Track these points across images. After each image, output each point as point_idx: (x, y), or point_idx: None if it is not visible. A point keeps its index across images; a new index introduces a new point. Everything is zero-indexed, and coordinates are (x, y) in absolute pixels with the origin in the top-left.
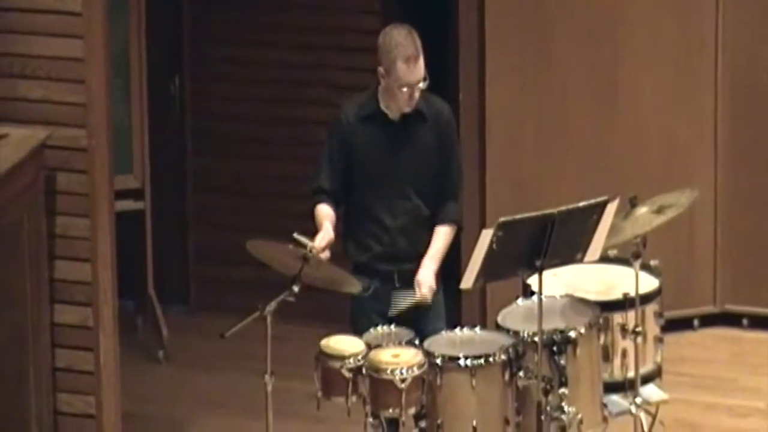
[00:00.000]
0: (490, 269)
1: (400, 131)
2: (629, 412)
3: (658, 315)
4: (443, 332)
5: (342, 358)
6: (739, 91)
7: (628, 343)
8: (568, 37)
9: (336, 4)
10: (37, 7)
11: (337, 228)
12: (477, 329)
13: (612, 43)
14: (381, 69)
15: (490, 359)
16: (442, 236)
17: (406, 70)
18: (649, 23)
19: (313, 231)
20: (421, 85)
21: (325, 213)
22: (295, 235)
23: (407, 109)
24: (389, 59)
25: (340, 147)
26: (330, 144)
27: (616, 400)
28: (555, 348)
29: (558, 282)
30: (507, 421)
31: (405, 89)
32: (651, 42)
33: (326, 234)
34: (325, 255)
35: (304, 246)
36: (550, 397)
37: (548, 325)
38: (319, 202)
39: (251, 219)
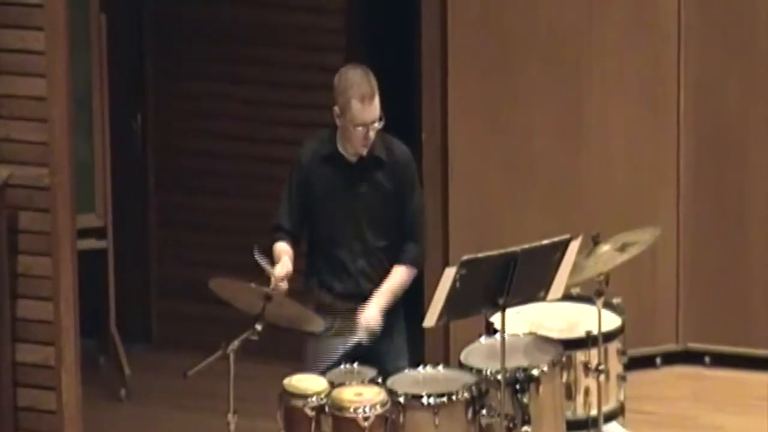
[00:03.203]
0: (453, 307)
1: (356, 173)
2: None
3: (621, 353)
4: (406, 370)
5: (305, 396)
6: (702, 130)
7: (591, 381)
8: (532, 75)
9: (300, 41)
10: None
11: (297, 264)
12: (440, 367)
13: (576, 81)
14: (336, 109)
15: (453, 397)
16: (396, 275)
17: (361, 109)
18: (613, 61)
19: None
20: (376, 124)
21: (283, 249)
22: (256, 253)
23: (363, 151)
24: (344, 99)
25: (299, 186)
26: (289, 183)
27: None
28: (518, 386)
29: (521, 320)
30: None
31: (360, 128)
32: (615, 80)
33: (284, 266)
34: (284, 285)
35: (263, 270)
36: None
37: (511, 363)
38: (278, 240)
39: (214, 255)
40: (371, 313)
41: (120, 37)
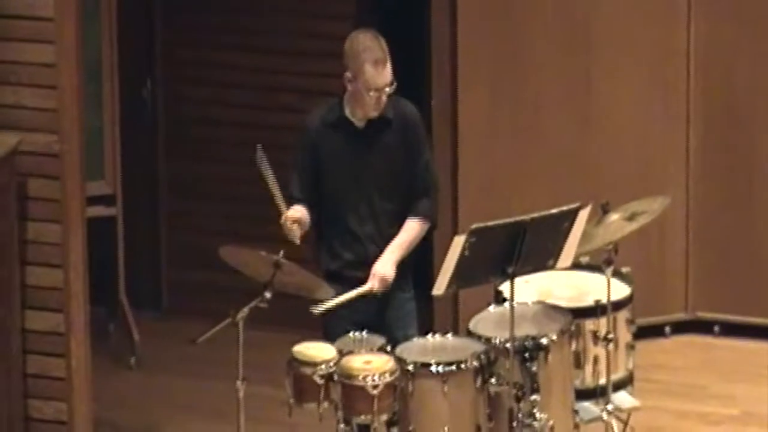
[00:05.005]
0: (463, 276)
1: (365, 137)
2: (601, 418)
3: (630, 322)
4: (415, 339)
5: (314, 364)
6: (711, 99)
7: (599, 350)
8: (541, 43)
9: (309, 9)
10: (9, 12)
11: (309, 236)
12: (449, 336)
13: (586, 50)
14: (348, 74)
15: (462, 366)
16: (409, 229)
17: (375, 73)
18: (622, 31)
19: (283, 239)
20: (388, 89)
21: (299, 208)
22: (258, 151)
23: (374, 114)
24: (357, 63)
25: (308, 155)
26: (298, 152)
27: (587, 406)
28: (527, 355)
29: (530, 288)
30: (479, 428)
31: (373, 93)
32: (624, 49)
33: (298, 211)
34: (295, 228)
35: (277, 205)
36: (521, 404)
37: (520, 332)
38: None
39: (223, 223)
40: (385, 265)
41: (130, 5)
